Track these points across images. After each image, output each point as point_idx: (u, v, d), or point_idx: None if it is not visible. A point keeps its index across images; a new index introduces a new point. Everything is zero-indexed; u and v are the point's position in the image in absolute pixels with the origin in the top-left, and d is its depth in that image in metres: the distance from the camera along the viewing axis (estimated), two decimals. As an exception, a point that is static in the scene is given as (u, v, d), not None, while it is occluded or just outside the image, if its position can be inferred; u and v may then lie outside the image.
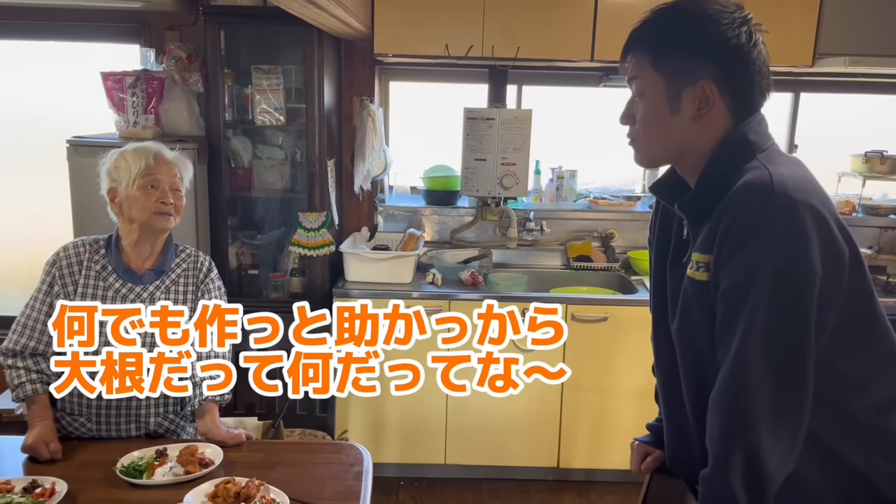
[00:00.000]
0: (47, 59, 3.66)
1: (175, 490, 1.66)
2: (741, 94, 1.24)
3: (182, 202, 2.00)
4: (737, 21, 1.22)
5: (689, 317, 1.27)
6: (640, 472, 1.58)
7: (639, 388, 3.17)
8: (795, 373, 1.12)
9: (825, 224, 1.12)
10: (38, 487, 1.63)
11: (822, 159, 3.89)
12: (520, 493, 3.29)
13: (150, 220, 1.93)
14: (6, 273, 3.81)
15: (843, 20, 3.16)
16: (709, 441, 1.17)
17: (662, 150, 1.31)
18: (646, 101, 1.28)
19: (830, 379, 1.17)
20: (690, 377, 1.31)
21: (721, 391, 1.15)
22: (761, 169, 1.17)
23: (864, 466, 1.20)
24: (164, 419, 2.00)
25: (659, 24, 1.26)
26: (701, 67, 1.22)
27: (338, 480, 1.77)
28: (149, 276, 1.97)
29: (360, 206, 3.72)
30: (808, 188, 1.15)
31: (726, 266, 1.15)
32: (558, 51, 3.23)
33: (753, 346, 1.11)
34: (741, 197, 1.15)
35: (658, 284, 1.42)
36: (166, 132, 3.13)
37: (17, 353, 1.92)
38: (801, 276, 1.10)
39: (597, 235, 3.77)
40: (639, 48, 1.28)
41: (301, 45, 3.09)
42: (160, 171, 1.94)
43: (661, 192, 1.40)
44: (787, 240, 1.10)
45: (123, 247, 1.97)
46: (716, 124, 1.25)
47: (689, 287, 1.25)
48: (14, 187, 3.76)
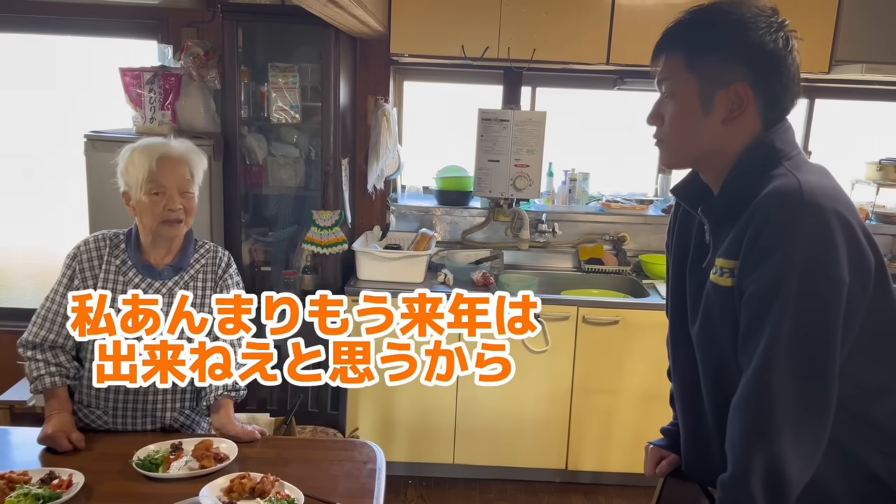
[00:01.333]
0: (67, 54, 3.69)
1: (190, 484, 1.67)
2: (774, 100, 1.24)
3: (192, 203, 1.95)
4: (774, 26, 1.22)
5: (712, 322, 1.27)
6: (655, 476, 1.58)
7: (649, 392, 3.17)
8: (820, 381, 1.12)
9: (853, 233, 1.13)
10: (56, 479, 1.64)
11: (837, 166, 3.87)
12: (527, 494, 3.30)
13: (158, 229, 1.92)
14: (22, 266, 3.84)
15: (861, 27, 3.15)
16: (729, 446, 1.17)
17: (690, 151, 1.31)
18: (677, 101, 1.28)
19: (852, 386, 1.17)
20: (711, 381, 1.31)
21: (744, 397, 1.15)
22: (789, 176, 1.17)
23: (885, 473, 1.20)
24: (180, 414, 2.01)
25: (694, 24, 1.26)
26: (736, 70, 1.22)
27: (351, 478, 1.78)
28: (168, 271, 1.98)
29: (372, 205, 3.73)
30: (836, 196, 1.15)
31: (753, 272, 1.15)
32: (574, 53, 3.23)
33: (779, 353, 1.11)
34: (770, 203, 1.15)
35: (677, 288, 1.42)
36: (182, 128, 3.15)
37: (36, 346, 1.93)
38: (829, 284, 1.10)
39: (609, 238, 3.77)
40: (673, 48, 1.27)
41: (318, 44, 3.10)
42: (164, 175, 1.88)
43: (683, 195, 1.40)
44: (815, 247, 1.10)
45: (142, 243, 1.98)
46: (746, 128, 1.25)
47: (712, 292, 1.25)
48: (32, 181, 3.79)
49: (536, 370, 3.19)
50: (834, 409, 1.13)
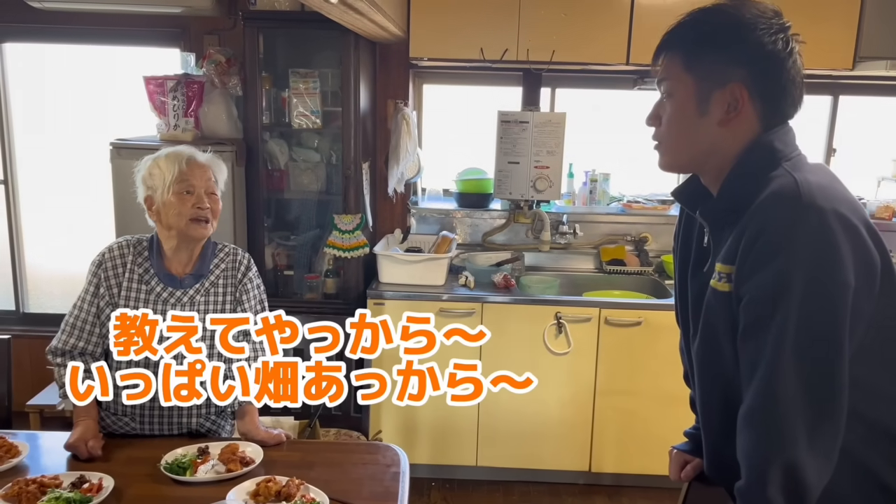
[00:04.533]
0: (93, 63, 3.75)
1: (217, 487, 1.69)
2: (772, 102, 1.22)
3: (218, 205, 2.00)
4: (774, 27, 1.20)
5: (713, 332, 1.25)
6: (679, 480, 1.57)
7: (672, 394, 3.15)
8: (829, 386, 1.10)
9: (855, 232, 1.10)
10: (86, 483, 1.68)
11: (862, 163, 3.84)
12: (551, 496, 3.29)
13: (186, 229, 1.93)
14: (52, 271, 3.91)
15: (885, 24, 3.10)
16: (742, 457, 1.14)
17: (687, 153, 1.29)
18: (674, 101, 1.27)
19: (861, 392, 1.15)
20: (718, 394, 1.29)
21: (752, 408, 1.13)
22: (787, 177, 1.15)
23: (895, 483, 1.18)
24: (206, 420, 2.04)
25: (693, 25, 1.25)
26: (733, 70, 1.21)
27: (375, 481, 1.79)
28: (188, 280, 2.00)
29: (393, 209, 3.75)
30: (835, 195, 1.13)
31: (751, 278, 1.13)
32: (594, 54, 3.22)
33: (785, 361, 1.09)
34: (767, 206, 1.13)
35: (682, 294, 1.40)
36: (205, 135, 3.19)
37: (65, 353, 1.97)
38: (833, 287, 1.08)
39: (630, 239, 3.75)
40: (672, 49, 1.27)
41: (337, 49, 3.12)
42: (194, 175, 1.94)
43: (682, 197, 1.39)
44: (816, 251, 1.08)
45: (165, 252, 2.00)
46: (743, 130, 1.23)
47: (711, 298, 1.24)
48: (59, 188, 3.86)
49: (559, 372, 3.19)
50: (845, 412, 1.11)
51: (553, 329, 3.15)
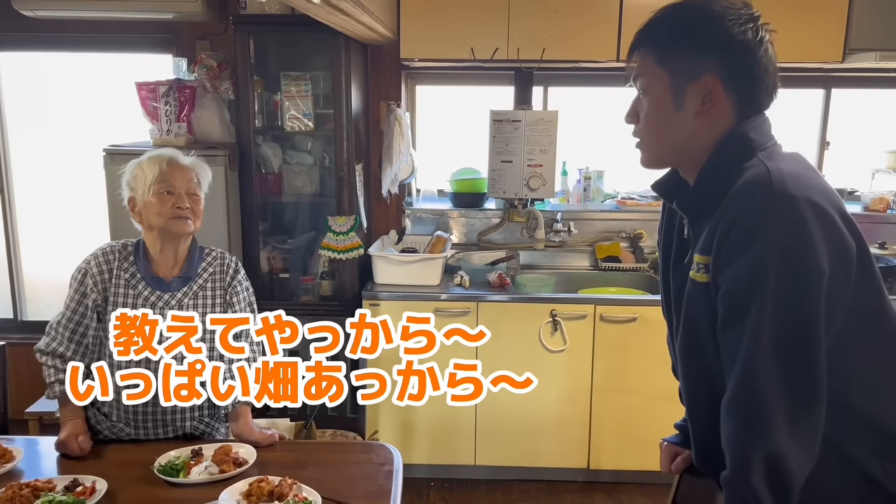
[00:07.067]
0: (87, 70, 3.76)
1: (210, 488, 1.70)
2: (746, 92, 1.23)
3: (200, 206, 2.01)
4: (743, 17, 1.21)
5: (695, 323, 1.26)
6: (670, 473, 1.57)
7: (668, 389, 3.10)
8: (808, 372, 1.10)
9: (829, 219, 1.11)
10: (79, 486, 1.68)
11: (856, 156, 3.84)
12: (550, 493, 3.30)
13: (167, 225, 1.95)
14: (47, 278, 3.92)
15: (874, 15, 3.11)
16: (726, 445, 1.16)
17: (665, 147, 1.30)
18: (650, 97, 1.28)
19: (843, 381, 1.15)
20: (702, 387, 1.30)
21: (733, 397, 1.14)
22: (760, 166, 1.16)
23: (880, 475, 1.18)
24: (200, 422, 2.04)
25: (664, 21, 1.26)
26: (706, 62, 1.22)
27: (369, 480, 1.80)
28: (176, 283, 2.00)
29: (387, 210, 3.75)
30: (808, 183, 1.13)
31: (727, 267, 1.14)
32: (584, 52, 3.23)
33: (762, 350, 1.10)
34: (741, 196, 1.14)
35: (666, 288, 1.41)
36: (198, 140, 3.20)
37: (48, 353, 1.99)
38: (807, 275, 1.09)
39: (625, 236, 3.75)
40: (644, 45, 1.28)
41: (329, 52, 3.13)
42: (175, 176, 1.96)
43: (661, 189, 1.40)
44: (789, 238, 1.09)
45: (151, 255, 2.01)
46: (719, 121, 1.24)
47: (691, 290, 1.25)
48: (54, 194, 3.87)
49: (555, 370, 3.19)
50: (825, 398, 1.11)
51: (549, 327, 3.16)
